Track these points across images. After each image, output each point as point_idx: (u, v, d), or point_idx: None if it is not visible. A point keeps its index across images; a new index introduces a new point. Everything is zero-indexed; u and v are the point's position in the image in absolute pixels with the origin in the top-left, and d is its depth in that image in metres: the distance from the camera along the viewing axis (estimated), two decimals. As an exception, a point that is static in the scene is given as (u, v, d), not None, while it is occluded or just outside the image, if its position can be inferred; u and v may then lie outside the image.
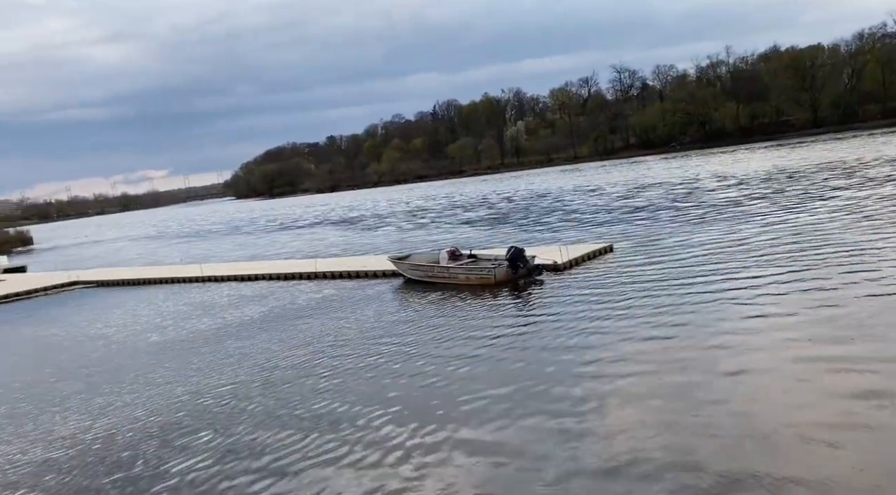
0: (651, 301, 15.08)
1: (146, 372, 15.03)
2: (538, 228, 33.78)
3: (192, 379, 13.99)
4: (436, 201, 69.65)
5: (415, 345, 14.12)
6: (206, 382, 13.57)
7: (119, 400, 13.19)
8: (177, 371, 14.84)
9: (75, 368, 16.47)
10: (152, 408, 12.30)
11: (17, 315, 28.00)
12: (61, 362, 17.44)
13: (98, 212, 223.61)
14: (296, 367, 13.75)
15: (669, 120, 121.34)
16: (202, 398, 12.52)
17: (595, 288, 17.34)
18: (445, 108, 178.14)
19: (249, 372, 13.83)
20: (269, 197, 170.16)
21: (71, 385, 14.90)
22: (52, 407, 13.37)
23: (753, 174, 46.88)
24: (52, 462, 10.35)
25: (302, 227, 58.48)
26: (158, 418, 11.69)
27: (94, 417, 12.27)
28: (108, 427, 11.61)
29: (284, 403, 11.49)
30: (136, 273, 34.44)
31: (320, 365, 13.66)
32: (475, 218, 44.26)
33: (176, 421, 11.42)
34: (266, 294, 24.17)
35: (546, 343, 13.03)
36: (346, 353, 14.29)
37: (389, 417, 10.12)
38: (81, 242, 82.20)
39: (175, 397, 12.81)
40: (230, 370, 14.26)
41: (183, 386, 13.46)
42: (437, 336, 14.70)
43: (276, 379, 13.09)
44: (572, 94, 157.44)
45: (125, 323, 22.28)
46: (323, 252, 35.62)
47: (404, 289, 21.13)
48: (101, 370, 15.94)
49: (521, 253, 19.51)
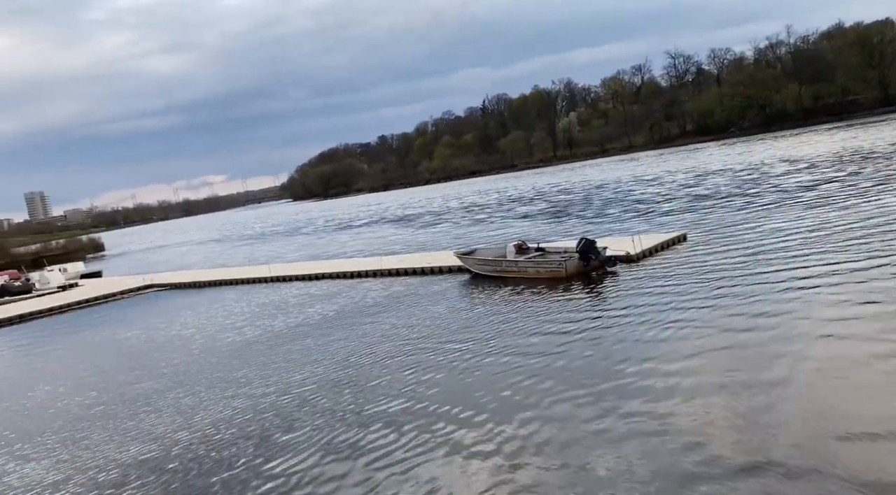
0: (729, 290, 14.59)
1: (231, 372, 15.39)
2: (602, 220, 33.19)
3: (276, 377, 14.25)
4: (490, 196, 69.38)
5: (491, 341, 14.01)
6: (291, 380, 13.79)
7: (208, 399, 13.54)
8: (260, 369, 15.14)
9: (161, 369, 17.00)
10: (242, 407, 12.56)
11: (98, 318, 29.17)
12: (147, 363, 18.04)
13: (162, 217, 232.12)
14: (377, 364, 13.84)
15: (727, 104, 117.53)
16: (288, 396, 12.72)
17: (671, 279, 16.90)
18: (495, 102, 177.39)
19: (332, 370, 13.99)
20: (324, 198, 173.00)
21: (159, 385, 15.39)
22: (144, 407, 13.83)
23: (823, 157, 44.91)
24: (154, 461, 10.68)
25: (360, 227, 59.17)
26: (249, 416, 11.93)
27: (187, 417, 12.61)
28: (202, 426, 11.91)
29: (371, 399, 11.56)
30: (207, 275, 35.44)
31: (401, 361, 13.70)
32: (534, 212, 43.84)
33: (268, 419, 11.63)
34: (335, 292, 24.48)
35: (622, 336, 12.74)
36: (425, 349, 14.30)
37: (473, 414, 10.05)
38: (148, 247, 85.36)
39: (263, 395, 13.05)
40: (312, 367, 14.46)
41: (269, 385, 13.71)
42: (511, 331, 14.56)
43: (360, 376, 13.19)
44: (625, 83, 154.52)
45: (202, 324, 22.92)
46: (384, 250, 35.86)
47: (472, 285, 21.04)
48: (187, 370, 16.41)
49: (592, 244, 19.16)
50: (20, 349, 24.45)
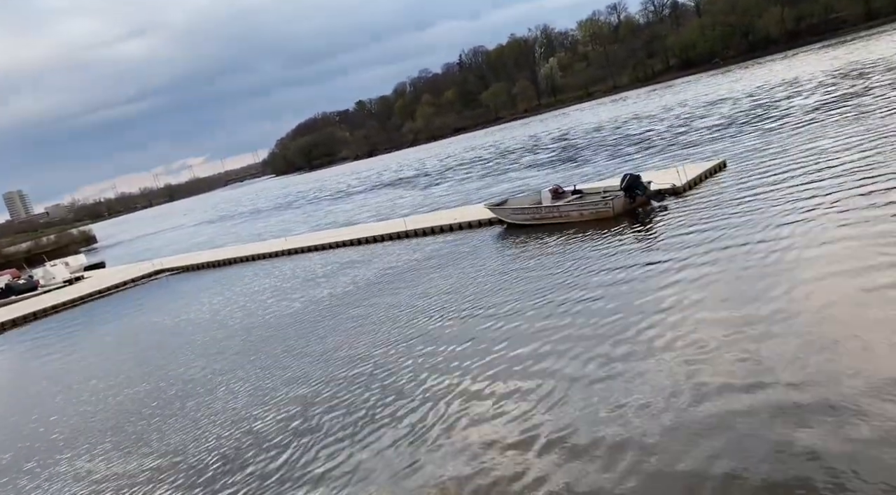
0: (787, 217, 13.86)
1: (294, 346, 14.68)
2: (620, 159, 32.41)
3: (338, 349, 13.58)
4: (486, 151, 68.25)
5: (563, 291, 13.28)
6: (354, 352, 13.12)
7: (283, 375, 12.86)
8: (321, 340, 14.45)
9: (213, 351, 16.28)
10: (327, 377, 11.89)
11: (118, 307, 28.31)
12: (194, 347, 17.31)
13: (146, 205, 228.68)
14: (442, 327, 13.17)
15: (710, 35, 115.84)
16: (362, 364, 12.07)
17: (728, 208, 16.19)
18: (472, 55, 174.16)
19: (393, 339, 13.31)
20: (308, 170, 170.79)
21: (220, 365, 14.69)
22: (220, 387, 13.14)
23: (820, 76, 44.09)
24: (255, 438, 10.07)
25: (360, 194, 58.08)
26: (336, 388, 11.29)
27: (261, 395, 11.97)
28: (289, 400, 11.27)
29: (465, 356, 10.94)
30: (219, 254, 34.52)
31: (474, 324, 13.03)
32: (541, 160, 42.93)
33: (356, 389, 11.00)
34: (364, 258, 23.71)
35: (689, 277, 12.01)
36: (494, 304, 13.61)
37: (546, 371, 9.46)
38: (142, 235, 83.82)
39: (335, 366, 12.41)
40: (370, 337, 13.73)
41: (337, 355, 13.06)
42: (578, 280, 13.79)
43: (437, 336, 12.54)
44: (602, 23, 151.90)
45: (233, 302, 22.11)
46: (397, 213, 35.06)
47: (512, 236, 20.30)
48: (243, 349, 15.68)
49: (637, 179, 18.46)
50: (49, 347, 23.60)
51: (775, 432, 6.57)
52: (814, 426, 6.51)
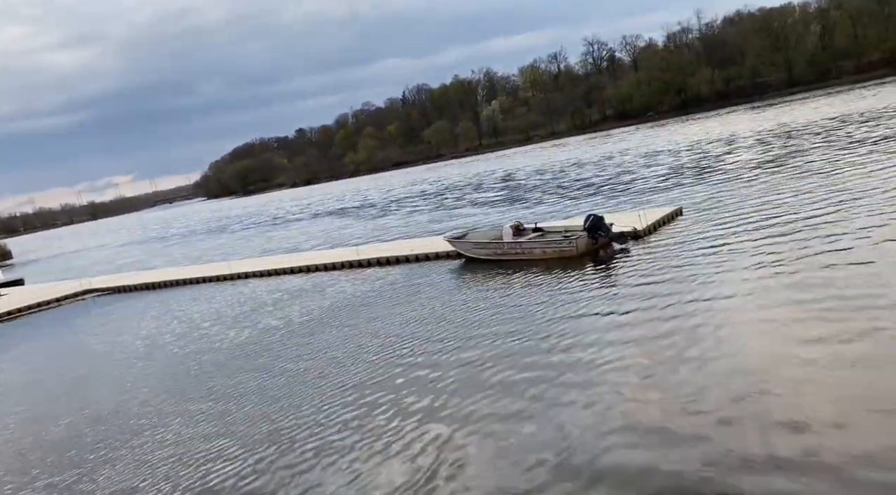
0: (738, 274, 14.04)
1: (251, 374, 13.76)
2: (569, 201, 32.88)
3: (279, 387, 12.79)
4: (430, 185, 68.41)
5: (528, 333, 12.78)
6: (294, 393, 12.38)
7: (243, 409, 11.96)
8: (260, 376, 13.60)
9: (146, 380, 15.11)
10: (264, 418, 11.11)
11: (40, 328, 26.24)
12: (127, 375, 16.03)
13: (66, 222, 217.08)
14: (391, 368, 12.59)
15: (645, 90, 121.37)
16: (298, 409, 11.36)
17: (687, 258, 16.23)
18: (416, 92, 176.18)
19: (338, 380, 12.66)
20: (243, 195, 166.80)
21: (151, 398, 13.59)
22: (146, 429, 12.08)
23: (755, 133, 46.58)
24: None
25: (302, 221, 56.85)
26: (272, 430, 10.53)
27: (196, 443, 11.05)
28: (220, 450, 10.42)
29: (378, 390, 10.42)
30: (154, 276, 32.72)
31: (420, 361, 12.53)
32: (492, 198, 43.16)
33: (290, 435, 10.28)
34: (314, 287, 22.82)
35: (671, 323, 11.95)
36: (445, 346, 13.12)
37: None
38: (62, 253, 79.12)
39: (274, 407, 11.62)
40: (312, 377, 13.02)
41: (278, 394, 12.27)
42: (542, 319, 13.47)
43: (383, 382, 11.97)
44: (542, 71, 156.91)
45: (170, 329, 20.78)
46: (343, 242, 34.34)
47: (473, 270, 20.00)
48: (200, 379, 14.60)
49: (600, 220, 18.58)
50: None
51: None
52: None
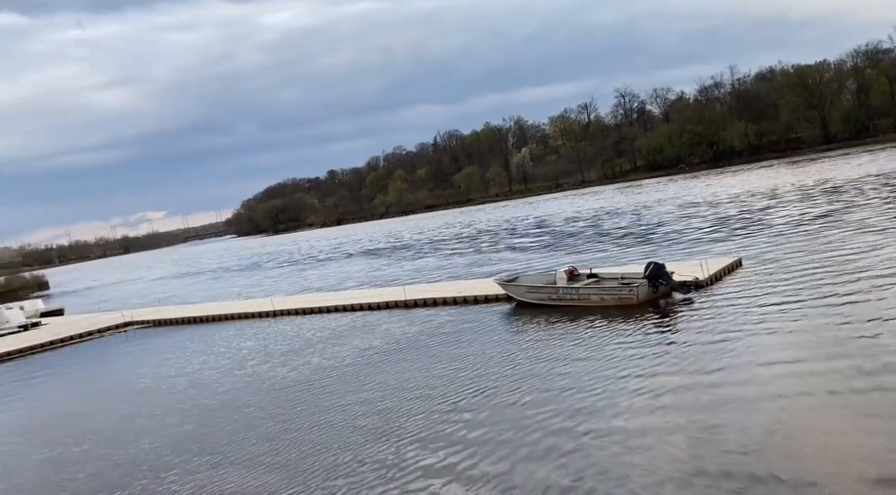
0: (819, 320, 13.65)
1: (306, 415, 13.46)
2: (614, 249, 32.51)
3: (331, 429, 12.45)
4: (463, 229, 68.47)
5: (592, 388, 12.16)
6: (341, 438, 12.03)
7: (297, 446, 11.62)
8: (310, 416, 13.27)
9: (221, 418, 14.85)
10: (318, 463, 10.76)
11: (84, 358, 26.24)
12: (181, 406, 15.82)
13: (100, 255, 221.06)
14: (446, 417, 12.18)
15: (677, 141, 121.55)
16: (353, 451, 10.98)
17: (757, 308, 15.74)
18: (447, 138, 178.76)
19: (394, 427, 12.28)
20: (273, 233, 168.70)
21: (210, 433, 13.31)
22: (219, 457, 11.78)
23: (797, 188, 46.01)
24: None
25: (338, 259, 57.03)
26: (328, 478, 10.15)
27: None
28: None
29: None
30: (196, 310, 32.78)
31: (478, 405, 12.14)
32: (530, 243, 42.93)
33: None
34: (359, 327, 22.56)
35: (738, 388, 11.23)
36: (504, 399, 12.72)
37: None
38: (98, 285, 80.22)
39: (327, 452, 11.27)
40: (362, 422, 12.67)
41: (328, 440, 11.93)
42: (605, 374, 12.94)
43: (439, 434, 11.57)
44: (572, 121, 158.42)
45: (217, 365, 20.58)
46: (385, 282, 34.25)
47: (526, 315, 19.60)
48: (229, 424, 14.33)
49: (661, 268, 18.20)
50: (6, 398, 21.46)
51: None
52: None
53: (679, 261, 22.31)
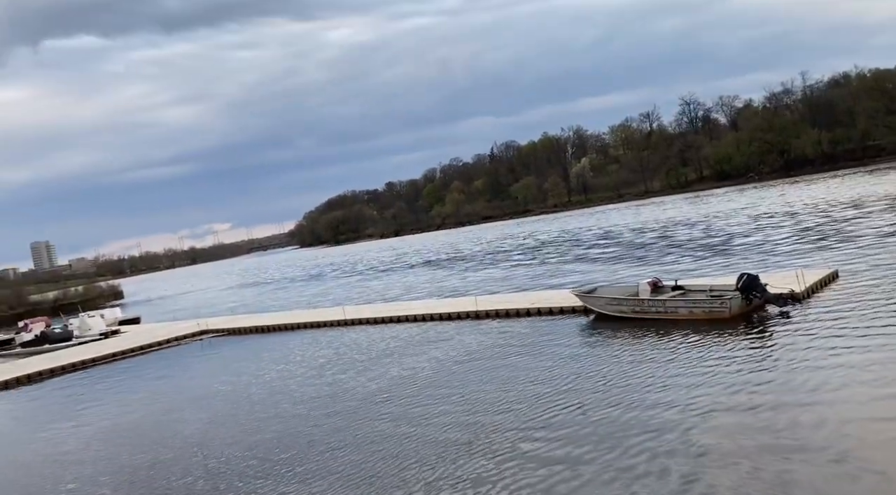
0: None
1: (392, 424, 13.26)
2: (689, 261, 31.40)
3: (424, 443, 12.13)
4: (524, 240, 67.80)
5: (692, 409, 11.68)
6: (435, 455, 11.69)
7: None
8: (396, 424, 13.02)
9: (305, 426, 14.84)
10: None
11: (165, 365, 26.86)
12: (254, 421, 15.88)
13: (168, 265, 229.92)
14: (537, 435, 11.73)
15: (746, 150, 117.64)
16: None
17: (864, 325, 14.65)
18: (504, 148, 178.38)
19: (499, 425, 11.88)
20: (333, 244, 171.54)
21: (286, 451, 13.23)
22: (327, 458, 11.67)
23: (884, 198, 43.53)
24: None
25: (397, 270, 57.27)
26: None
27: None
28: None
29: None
30: (268, 319, 33.28)
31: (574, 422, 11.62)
32: (598, 255, 42.02)
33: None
34: (432, 337, 22.32)
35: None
36: (599, 407, 12.20)
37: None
38: (169, 294, 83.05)
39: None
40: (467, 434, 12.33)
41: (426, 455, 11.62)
42: (705, 387, 12.30)
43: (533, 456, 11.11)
44: (633, 130, 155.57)
45: (295, 374, 20.65)
46: (451, 293, 34.05)
47: (608, 328, 18.96)
48: (339, 429, 14.25)
49: (755, 280, 17.32)
50: (95, 401, 22.12)
51: None
52: None
53: (767, 272, 21.22)
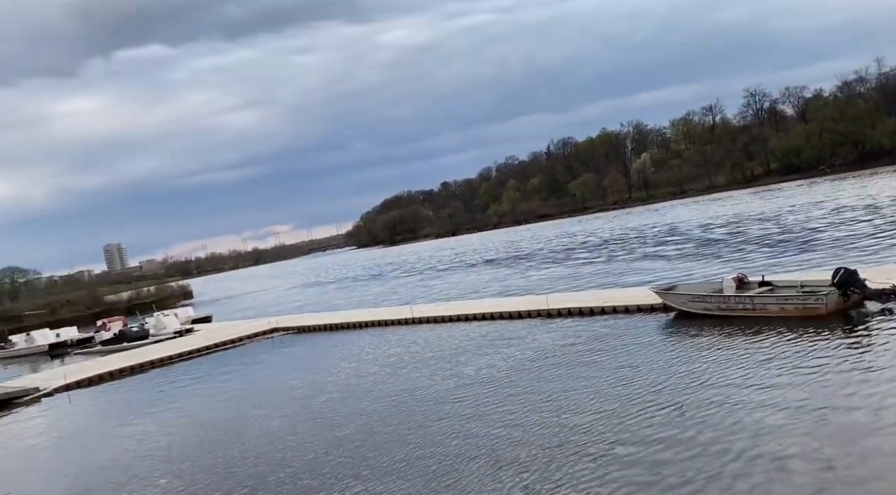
0: None
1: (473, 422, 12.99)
2: (767, 256, 30.08)
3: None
4: (586, 238, 66.62)
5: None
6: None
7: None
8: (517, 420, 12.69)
9: (387, 426, 14.75)
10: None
11: (241, 362, 27.36)
12: (358, 418, 15.86)
13: (233, 266, 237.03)
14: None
15: (816, 142, 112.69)
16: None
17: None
18: (560, 145, 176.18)
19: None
20: (390, 244, 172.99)
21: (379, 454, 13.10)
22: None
23: None
24: None
25: (458, 270, 57.11)
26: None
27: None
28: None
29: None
30: (337, 317, 33.57)
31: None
32: (668, 251, 40.82)
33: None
34: (503, 336, 21.91)
35: None
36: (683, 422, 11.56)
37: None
38: (236, 294, 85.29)
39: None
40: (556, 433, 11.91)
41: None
42: (818, 392, 11.53)
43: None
44: (695, 123, 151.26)
45: (373, 369, 20.64)
46: (518, 291, 33.62)
47: (692, 326, 18.12)
48: (425, 429, 14.09)
49: (853, 275, 16.29)
50: (206, 387, 22.71)
51: None
52: None
53: (864, 267, 19.99)
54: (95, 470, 15.19)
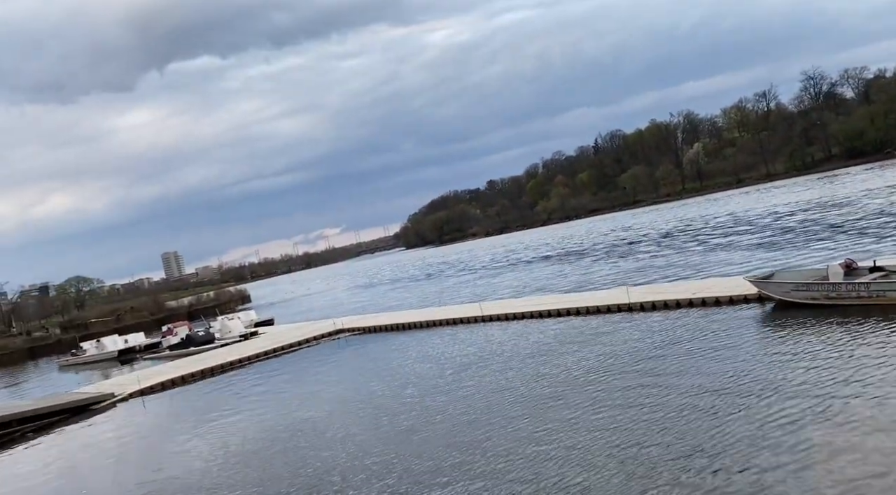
0: None
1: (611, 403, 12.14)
2: (852, 242, 28.24)
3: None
4: (647, 230, 64.75)
5: None
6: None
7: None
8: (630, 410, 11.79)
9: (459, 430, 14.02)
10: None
11: (311, 365, 27.02)
12: (441, 420, 15.17)
13: (285, 270, 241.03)
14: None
15: (881, 124, 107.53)
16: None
17: None
18: (608, 139, 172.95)
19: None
20: (439, 244, 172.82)
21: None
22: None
23: None
24: None
25: (514, 267, 56.12)
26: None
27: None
28: None
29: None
30: (402, 317, 33.07)
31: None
32: (741, 241, 39.00)
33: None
34: (581, 333, 20.91)
35: None
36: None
37: None
38: (292, 297, 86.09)
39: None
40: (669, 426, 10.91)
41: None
42: None
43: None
44: (749, 111, 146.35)
45: (445, 371, 19.93)
46: (579, 286, 32.54)
47: (796, 318, 16.78)
48: (503, 431, 13.31)
49: None
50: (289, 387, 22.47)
51: None
52: None
53: None
54: (168, 478, 14.87)
